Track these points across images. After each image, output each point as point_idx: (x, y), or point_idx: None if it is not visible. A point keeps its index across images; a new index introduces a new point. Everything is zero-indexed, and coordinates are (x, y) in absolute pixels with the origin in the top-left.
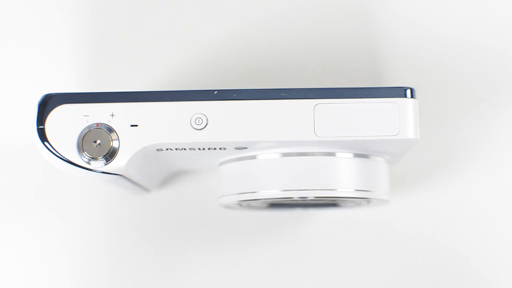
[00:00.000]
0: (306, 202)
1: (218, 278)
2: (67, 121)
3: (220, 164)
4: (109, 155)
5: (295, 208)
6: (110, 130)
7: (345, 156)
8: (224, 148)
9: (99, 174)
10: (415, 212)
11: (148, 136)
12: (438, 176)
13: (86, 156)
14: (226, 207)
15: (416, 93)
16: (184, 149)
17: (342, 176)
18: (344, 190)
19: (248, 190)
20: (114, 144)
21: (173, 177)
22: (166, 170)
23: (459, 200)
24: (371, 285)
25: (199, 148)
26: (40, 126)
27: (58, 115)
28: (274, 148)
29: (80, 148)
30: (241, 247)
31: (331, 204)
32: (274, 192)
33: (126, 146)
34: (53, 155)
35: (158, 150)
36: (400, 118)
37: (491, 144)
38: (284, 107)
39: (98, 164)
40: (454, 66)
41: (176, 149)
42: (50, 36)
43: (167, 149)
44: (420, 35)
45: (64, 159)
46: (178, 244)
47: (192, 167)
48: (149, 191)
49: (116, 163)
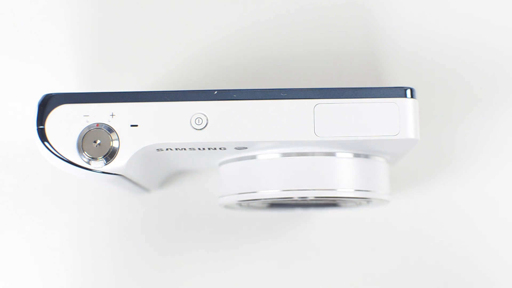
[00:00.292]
0: (306, 202)
1: (218, 277)
2: (67, 121)
3: (220, 164)
4: (109, 155)
5: (295, 208)
6: (110, 130)
7: (345, 156)
8: (224, 148)
9: (99, 174)
10: (415, 212)
11: (148, 136)
12: (438, 176)
13: (86, 156)
14: (226, 207)
15: (416, 93)
16: (184, 149)
17: (342, 176)
18: (344, 190)
19: (248, 190)
20: (114, 144)
21: (173, 177)
22: (166, 170)
23: (459, 200)
24: (371, 285)
25: (199, 148)
26: (40, 126)
27: (58, 115)
28: (274, 148)
29: (80, 148)
30: (241, 247)
31: (331, 204)
32: (274, 192)
33: (126, 146)
34: (53, 155)
35: (158, 150)
36: (400, 118)
37: (491, 144)
38: (284, 107)
39: (98, 164)
40: (454, 66)
41: (176, 149)
42: (50, 36)
43: (167, 149)
44: (420, 35)
45: (64, 159)
46: (178, 244)
47: (192, 167)
48: (149, 191)
49: (116, 163)
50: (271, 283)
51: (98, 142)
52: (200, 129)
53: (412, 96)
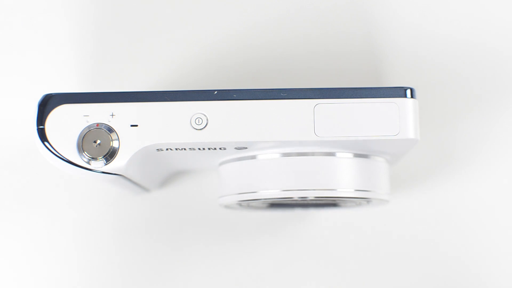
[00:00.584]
0: (306, 202)
1: (218, 277)
2: (67, 121)
3: (220, 164)
4: (109, 155)
5: (295, 208)
6: (110, 130)
7: (345, 156)
8: (224, 148)
9: (99, 174)
10: (415, 212)
11: (148, 136)
12: (438, 176)
13: (86, 156)
14: (226, 207)
15: (416, 93)
16: (184, 149)
17: (342, 176)
18: (344, 190)
19: (248, 190)
20: (114, 144)
21: (173, 177)
22: (166, 170)
23: (459, 200)
24: (371, 285)
25: (199, 148)
26: (40, 126)
27: (58, 115)
28: (274, 148)
29: (80, 148)
30: (241, 247)
31: (331, 204)
32: (274, 192)
33: (126, 146)
34: (53, 155)
35: (158, 150)
36: (400, 118)
37: (491, 144)
38: (284, 107)
39: (98, 164)
40: (454, 66)
41: (176, 149)
42: (50, 36)
43: (167, 149)
44: (420, 35)
45: (64, 159)
46: (178, 244)
47: (192, 167)
48: (149, 191)
49: (116, 163)
50: (271, 283)
51: (98, 142)
52: (200, 129)
53: (412, 96)
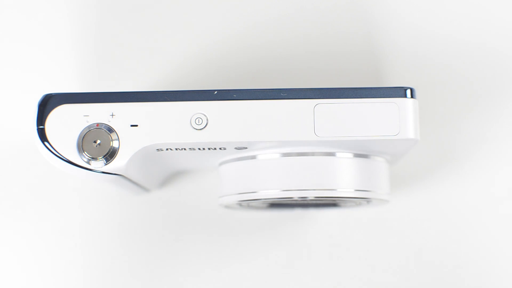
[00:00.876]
0: (306, 202)
1: (218, 277)
2: (67, 121)
3: (220, 164)
4: (109, 155)
5: (295, 208)
6: (110, 130)
7: (345, 156)
8: (224, 148)
9: (99, 174)
10: (415, 212)
11: (148, 136)
12: (438, 176)
13: (86, 156)
14: (226, 207)
15: (416, 93)
16: (184, 149)
17: (342, 176)
18: (344, 190)
19: (248, 190)
20: (114, 144)
21: (173, 177)
22: (166, 170)
23: (459, 200)
24: (371, 285)
25: (199, 148)
26: (40, 126)
27: (58, 115)
28: (274, 148)
29: (80, 148)
30: (241, 247)
31: (331, 204)
32: (274, 192)
33: (126, 146)
34: (53, 155)
35: (158, 150)
36: (400, 118)
37: (491, 144)
38: (284, 107)
39: (98, 164)
40: (454, 66)
41: (176, 149)
42: (50, 36)
43: (167, 149)
44: (420, 35)
45: (64, 159)
46: (178, 244)
47: (192, 167)
48: (149, 191)
49: (116, 163)
50: (271, 283)
51: (98, 142)
52: (200, 129)
53: (412, 96)
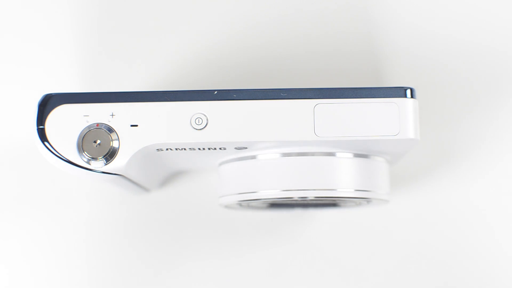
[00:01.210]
0: (306, 202)
1: (218, 278)
2: (67, 121)
3: (220, 164)
4: (109, 155)
5: (295, 208)
6: (110, 130)
7: (345, 156)
8: (224, 148)
9: (99, 174)
10: (415, 212)
11: (148, 136)
12: (438, 176)
13: (86, 156)
14: (226, 207)
15: (416, 93)
16: (184, 149)
17: (342, 176)
18: (344, 190)
19: (248, 190)
20: (114, 144)
21: (173, 177)
22: (166, 170)
23: (459, 200)
24: (371, 285)
25: (199, 148)
26: (40, 126)
27: (58, 115)
28: (274, 148)
29: (80, 148)
30: (241, 247)
31: (331, 204)
32: (274, 192)
33: (126, 146)
34: (53, 155)
35: (158, 150)
36: (400, 118)
37: (491, 144)
38: (284, 107)
39: (98, 164)
40: (454, 66)
41: (176, 149)
42: (50, 36)
43: (167, 149)
44: (420, 35)
45: (64, 159)
46: (178, 244)
47: (192, 167)
48: (149, 191)
49: (116, 163)
50: (271, 283)
51: (98, 142)
52: (200, 129)
53: (412, 96)
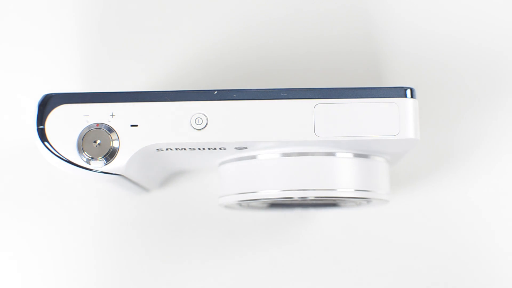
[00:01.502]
0: (306, 202)
1: (218, 278)
2: (67, 121)
3: (220, 164)
4: (109, 155)
5: (295, 208)
6: (110, 130)
7: (345, 156)
8: (224, 148)
9: (99, 174)
10: (415, 212)
11: (148, 136)
12: (438, 176)
13: (86, 156)
14: (226, 207)
15: (416, 93)
16: (184, 149)
17: (342, 176)
18: (344, 190)
19: (248, 190)
20: (114, 144)
21: (173, 177)
22: (166, 170)
23: (459, 200)
24: (371, 285)
25: (199, 148)
26: (40, 126)
27: (58, 115)
28: (274, 148)
29: (80, 148)
30: (241, 247)
31: (331, 204)
32: (274, 192)
33: (126, 146)
34: (53, 155)
35: (158, 150)
36: (400, 118)
37: (490, 144)
38: (284, 107)
39: (98, 164)
40: (454, 66)
41: (176, 149)
42: (50, 36)
43: (167, 149)
44: (420, 35)
45: (64, 159)
46: (178, 244)
47: (192, 167)
48: (149, 191)
49: (116, 163)
50: (271, 283)
51: (98, 142)
52: (200, 129)
53: (412, 96)
